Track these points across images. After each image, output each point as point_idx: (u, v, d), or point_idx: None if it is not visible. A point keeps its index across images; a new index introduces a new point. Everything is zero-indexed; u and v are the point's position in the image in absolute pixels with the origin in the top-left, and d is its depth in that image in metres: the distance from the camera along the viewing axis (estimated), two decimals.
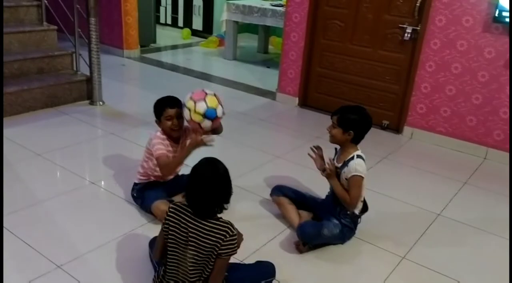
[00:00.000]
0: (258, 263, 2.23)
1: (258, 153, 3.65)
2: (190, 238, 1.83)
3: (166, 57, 6.88)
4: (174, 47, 7.53)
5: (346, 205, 2.49)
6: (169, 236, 1.87)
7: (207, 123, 2.49)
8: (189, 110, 2.47)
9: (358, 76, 4.47)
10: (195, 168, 1.87)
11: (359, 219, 2.61)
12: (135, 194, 2.77)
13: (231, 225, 1.85)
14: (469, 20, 3.69)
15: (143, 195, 2.72)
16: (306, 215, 2.72)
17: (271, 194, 2.83)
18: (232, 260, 2.31)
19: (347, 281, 2.33)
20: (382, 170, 3.60)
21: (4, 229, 2.46)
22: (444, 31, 3.82)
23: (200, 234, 1.82)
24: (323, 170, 2.51)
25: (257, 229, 2.67)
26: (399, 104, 4.28)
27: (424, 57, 3.98)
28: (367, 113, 2.53)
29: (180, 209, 1.88)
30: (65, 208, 2.73)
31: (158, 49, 7.14)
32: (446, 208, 3.07)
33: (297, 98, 4.86)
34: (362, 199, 2.59)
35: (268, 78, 5.76)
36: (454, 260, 2.54)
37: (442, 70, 3.91)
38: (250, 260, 2.36)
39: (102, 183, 3.08)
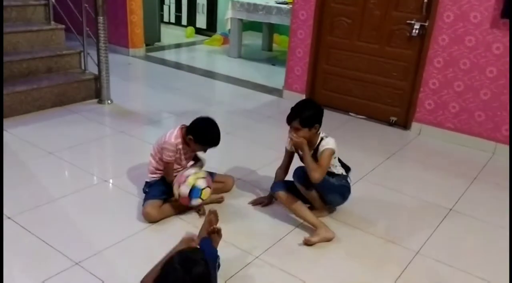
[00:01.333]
0: None
1: (267, 150, 3.66)
2: None
3: (170, 55, 6.90)
4: (178, 45, 7.53)
5: (313, 172, 2.50)
6: None
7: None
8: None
9: (365, 73, 4.48)
10: (165, 269, 1.58)
11: (349, 179, 2.76)
12: (146, 190, 2.80)
13: None
14: (477, 16, 3.70)
15: (148, 190, 2.76)
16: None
17: (272, 192, 2.80)
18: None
19: (358, 278, 2.34)
20: (391, 166, 3.61)
21: (19, 226, 2.48)
22: (452, 27, 3.83)
23: None
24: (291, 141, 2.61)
25: (268, 226, 2.69)
26: (406, 100, 4.30)
27: (432, 53, 3.99)
28: (315, 101, 2.73)
29: None
30: (79, 206, 2.75)
31: (163, 48, 7.15)
32: (458, 203, 3.08)
33: (304, 95, 4.86)
34: (339, 164, 2.73)
35: (274, 76, 5.77)
36: (470, 255, 2.55)
37: (450, 66, 3.93)
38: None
39: (115, 181, 3.09)
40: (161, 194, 2.71)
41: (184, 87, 5.21)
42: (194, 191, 2.57)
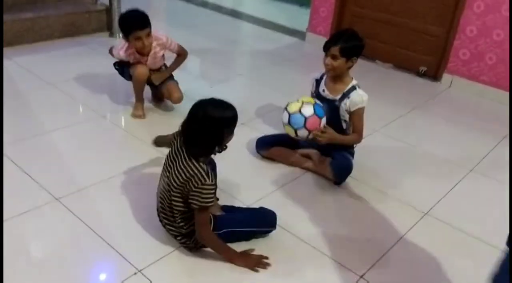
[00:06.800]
0: (261, 209, 2.06)
1: (278, 95, 3.40)
2: (169, 164, 1.77)
3: None
4: None
5: (355, 142, 2.48)
6: (165, 159, 1.85)
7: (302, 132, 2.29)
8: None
9: (396, 16, 4.08)
10: (194, 104, 1.75)
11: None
12: (117, 66, 2.95)
13: (208, 175, 1.68)
14: None
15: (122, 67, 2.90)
16: (312, 152, 2.55)
17: (257, 151, 2.61)
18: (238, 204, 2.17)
19: (362, 233, 2.14)
20: (414, 120, 3.31)
21: (5, 158, 2.37)
22: None
23: (177, 166, 1.73)
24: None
25: (272, 172, 2.50)
26: (439, 49, 3.90)
27: None
28: (358, 33, 2.40)
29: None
30: (71, 140, 2.61)
31: None
32: (481, 163, 2.79)
33: None
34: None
35: (299, 17, 5.38)
36: (484, 220, 2.31)
37: (491, 11, 3.49)
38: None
39: (112, 117, 2.93)
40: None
41: (202, 25, 4.93)
42: (294, 118, 2.25)
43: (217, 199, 2.10)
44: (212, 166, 2.01)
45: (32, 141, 2.56)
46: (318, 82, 2.50)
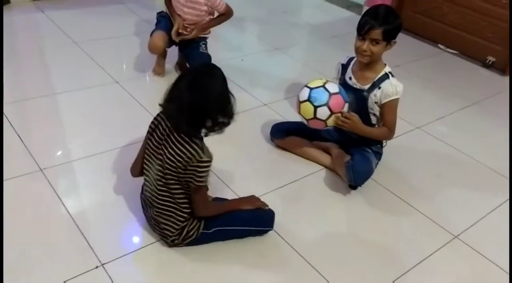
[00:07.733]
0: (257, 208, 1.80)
1: (316, 75, 3.02)
2: (160, 148, 1.57)
3: None
4: None
5: (384, 138, 2.13)
6: (148, 143, 1.62)
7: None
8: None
9: None
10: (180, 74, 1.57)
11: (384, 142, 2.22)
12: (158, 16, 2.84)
13: (205, 152, 1.51)
14: None
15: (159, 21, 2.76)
16: (332, 146, 2.24)
17: (272, 139, 2.32)
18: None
19: (383, 249, 1.83)
20: (467, 118, 2.86)
21: (4, 117, 2.26)
22: None
23: (169, 146, 1.54)
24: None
25: (283, 165, 2.22)
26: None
27: None
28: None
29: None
30: (76, 105, 2.46)
31: None
32: None
33: None
34: None
35: None
36: None
37: None
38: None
39: (127, 84, 2.71)
40: (167, 26, 2.69)
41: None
42: (316, 92, 1.91)
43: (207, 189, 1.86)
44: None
45: (37, 102, 2.44)
46: (344, 67, 2.14)
